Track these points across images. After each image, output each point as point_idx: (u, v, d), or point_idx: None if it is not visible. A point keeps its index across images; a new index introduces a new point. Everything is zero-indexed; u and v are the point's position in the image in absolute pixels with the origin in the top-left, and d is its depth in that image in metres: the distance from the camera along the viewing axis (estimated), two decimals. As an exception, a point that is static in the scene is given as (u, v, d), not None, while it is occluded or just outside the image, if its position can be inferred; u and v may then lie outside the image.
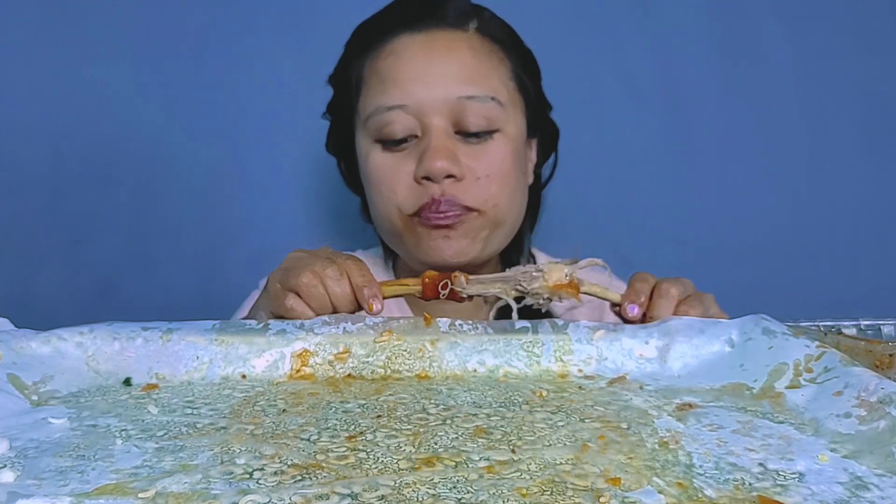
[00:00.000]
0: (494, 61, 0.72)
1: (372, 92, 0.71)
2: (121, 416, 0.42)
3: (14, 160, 1.01)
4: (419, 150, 0.69)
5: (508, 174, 0.72)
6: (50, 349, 0.48)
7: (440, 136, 0.69)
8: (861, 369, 0.44)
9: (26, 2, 1.01)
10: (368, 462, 0.36)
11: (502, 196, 0.71)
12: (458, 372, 0.51)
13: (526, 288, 0.56)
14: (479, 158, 0.70)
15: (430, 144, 0.68)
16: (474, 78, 0.70)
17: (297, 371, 0.50)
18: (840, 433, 0.40)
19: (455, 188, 0.69)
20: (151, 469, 0.35)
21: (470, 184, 0.69)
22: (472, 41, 0.71)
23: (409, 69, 0.69)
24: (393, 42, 0.71)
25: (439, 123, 0.69)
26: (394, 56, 0.70)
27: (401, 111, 0.69)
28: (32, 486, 0.33)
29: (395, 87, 0.69)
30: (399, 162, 0.70)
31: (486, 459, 0.36)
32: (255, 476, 0.34)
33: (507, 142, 0.71)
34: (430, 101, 0.68)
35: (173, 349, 0.50)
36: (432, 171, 0.67)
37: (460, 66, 0.70)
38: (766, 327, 0.51)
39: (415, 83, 0.69)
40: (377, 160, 0.71)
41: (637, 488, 0.34)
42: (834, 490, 0.34)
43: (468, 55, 0.70)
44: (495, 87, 0.71)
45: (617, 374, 0.51)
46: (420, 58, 0.70)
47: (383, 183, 0.71)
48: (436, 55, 0.70)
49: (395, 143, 0.70)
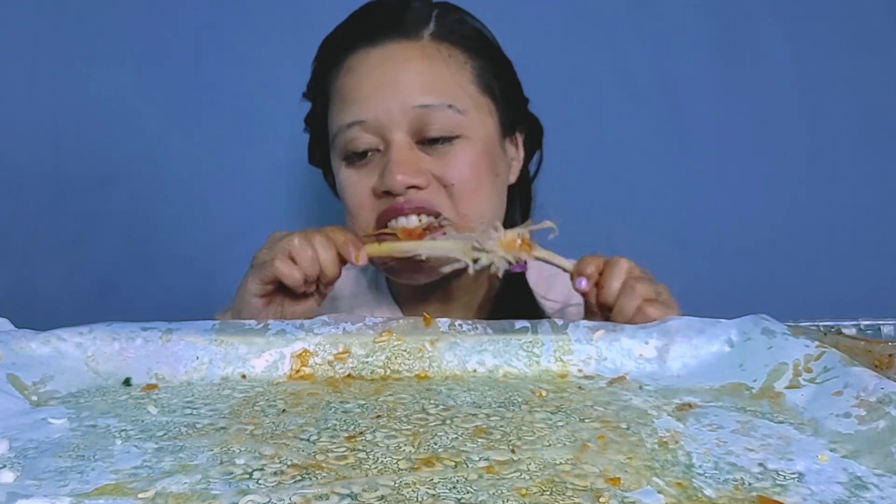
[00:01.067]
0: (452, 67, 0.71)
1: (335, 110, 0.72)
2: (120, 417, 0.42)
3: (14, 160, 1.01)
4: (381, 165, 0.69)
5: (479, 179, 0.70)
6: (50, 349, 0.48)
7: (401, 150, 0.68)
8: (861, 369, 0.44)
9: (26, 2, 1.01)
10: (368, 462, 0.36)
11: (472, 204, 0.70)
12: (457, 372, 0.51)
13: (481, 245, 0.59)
14: (444, 166, 0.69)
15: (390, 158, 0.67)
16: (430, 87, 0.69)
17: (296, 371, 0.50)
18: (839, 433, 0.40)
19: (422, 196, 0.68)
20: (151, 469, 0.35)
21: (437, 191, 0.68)
22: (426, 49, 0.70)
23: (364, 85, 0.69)
24: (350, 58, 0.71)
25: (400, 137, 0.68)
26: (351, 73, 0.70)
27: (359, 128, 0.69)
28: (32, 487, 0.33)
29: (353, 104, 0.69)
30: (363, 177, 0.70)
31: (485, 459, 0.36)
32: (255, 476, 0.34)
33: (472, 146, 0.70)
34: (387, 115, 0.68)
35: (173, 349, 0.50)
36: (392, 185, 0.66)
37: (414, 76, 0.69)
38: (765, 327, 0.51)
39: (370, 99, 0.68)
40: (344, 177, 0.71)
41: (636, 488, 0.34)
42: (833, 490, 0.34)
43: (423, 64, 0.70)
44: (454, 94, 0.70)
45: (616, 374, 0.51)
46: (374, 73, 0.69)
47: (351, 201, 0.71)
48: (389, 68, 0.69)
49: (359, 158, 0.70)
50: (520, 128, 0.78)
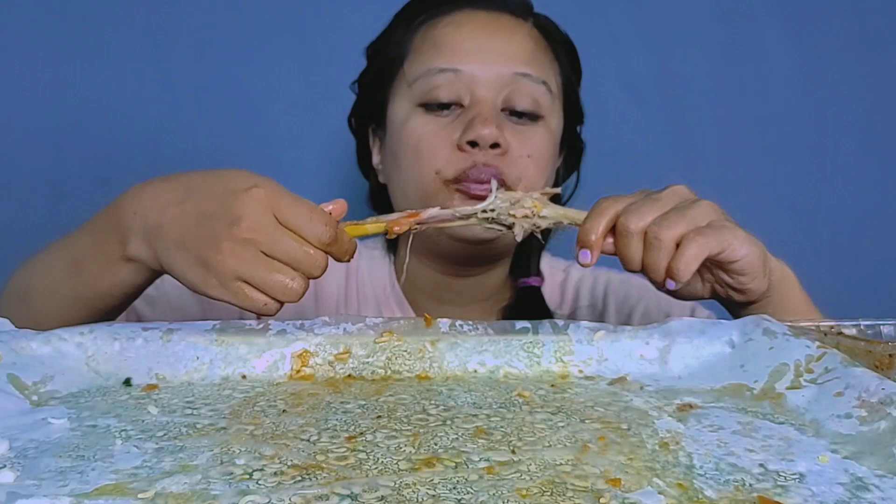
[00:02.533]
0: (549, 56, 0.73)
1: (423, 57, 0.71)
2: (121, 417, 0.42)
3: (14, 160, 1.01)
4: (464, 119, 0.68)
5: (548, 162, 0.72)
6: (50, 349, 0.48)
7: (489, 108, 0.68)
8: (862, 370, 0.44)
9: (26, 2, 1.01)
10: (368, 463, 0.36)
11: (539, 181, 0.71)
12: (458, 373, 0.51)
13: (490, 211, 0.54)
14: (523, 138, 0.69)
15: (479, 113, 0.68)
16: (530, 61, 0.70)
17: (297, 371, 0.50)
18: (841, 434, 0.40)
19: (498, 160, 0.68)
20: (151, 469, 0.35)
21: (512, 160, 0.69)
22: (532, 32, 0.73)
23: (468, 39, 0.69)
24: (454, 14, 0.71)
25: (488, 96, 0.68)
26: (454, 25, 0.70)
27: (452, 75, 0.68)
28: (32, 487, 0.32)
29: (450, 53, 0.69)
30: (442, 127, 0.69)
31: (486, 460, 0.36)
32: (255, 476, 0.34)
33: (549, 132, 0.72)
34: (483, 73, 0.68)
35: (173, 349, 0.50)
36: (481, 136, 0.66)
37: (518, 48, 0.70)
38: (766, 328, 0.51)
39: (472, 54, 0.69)
40: (418, 123, 0.70)
41: (637, 489, 0.34)
42: (834, 491, 0.34)
43: (527, 41, 0.71)
44: (548, 75, 0.72)
45: (617, 374, 0.51)
46: (480, 32, 0.70)
47: (423, 146, 0.69)
48: (496, 33, 0.70)
49: (439, 108, 0.69)
50: (566, 145, 0.79)
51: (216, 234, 0.48)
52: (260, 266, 0.48)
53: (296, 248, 0.48)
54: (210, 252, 0.48)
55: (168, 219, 0.50)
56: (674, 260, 0.51)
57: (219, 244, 0.48)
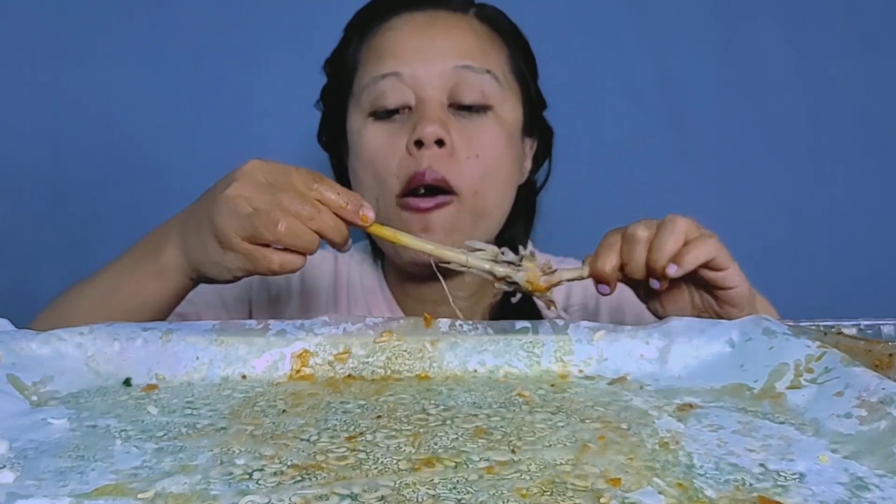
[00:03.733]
0: (494, 45, 0.72)
1: (368, 68, 0.71)
2: (120, 417, 0.42)
3: (14, 160, 1.01)
4: (412, 122, 0.68)
5: (500, 158, 0.70)
6: (50, 350, 0.48)
7: (434, 106, 0.68)
8: (862, 369, 0.44)
9: (26, 2, 1.01)
10: (368, 463, 0.36)
11: (488, 182, 0.69)
12: (458, 372, 0.51)
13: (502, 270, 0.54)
14: (471, 136, 0.69)
15: (423, 113, 0.67)
16: (472, 53, 0.70)
17: (296, 371, 0.50)
18: (841, 433, 0.40)
19: (442, 163, 0.67)
20: (151, 470, 0.35)
21: (458, 161, 0.68)
22: (472, 24, 0.72)
23: (406, 42, 0.69)
24: (392, 19, 0.71)
25: (433, 95, 0.68)
26: (392, 31, 0.70)
27: (395, 79, 0.68)
28: (32, 487, 0.32)
29: (391, 58, 0.69)
30: (392, 133, 0.69)
31: (485, 460, 0.36)
32: (255, 477, 0.34)
33: (501, 123, 0.71)
34: (425, 73, 0.68)
35: (173, 350, 0.50)
36: (424, 134, 0.66)
37: (459, 42, 0.70)
38: (766, 327, 0.51)
39: (412, 54, 0.69)
40: (370, 133, 0.70)
41: (637, 489, 0.34)
42: (834, 490, 0.34)
43: (468, 34, 0.71)
44: (493, 64, 0.71)
45: (617, 374, 0.51)
46: (418, 33, 0.70)
47: (378, 155, 0.69)
48: (435, 32, 0.70)
49: (388, 115, 0.69)
50: (535, 131, 0.78)
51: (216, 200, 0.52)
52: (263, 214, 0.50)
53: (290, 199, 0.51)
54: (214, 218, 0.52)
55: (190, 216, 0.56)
56: (679, 251, 0.54)
57: (219, 207, 0.52)
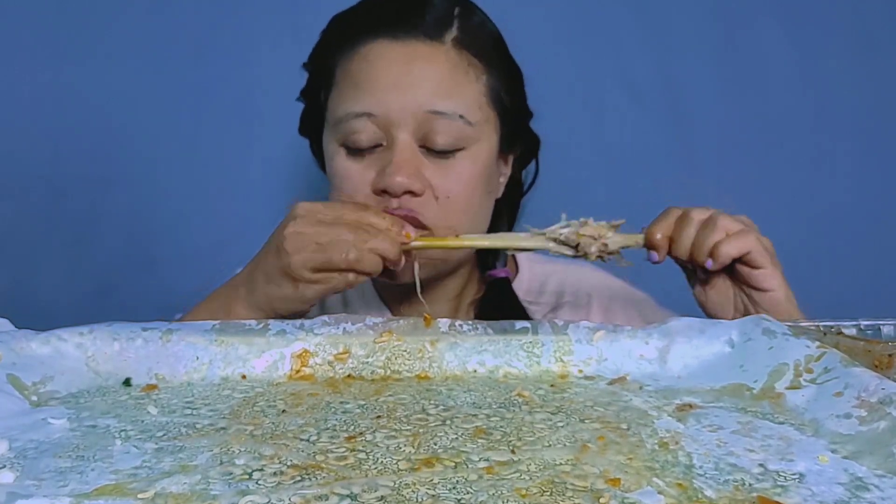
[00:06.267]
0: (470, 76, 0.70)
1: (342, 96, 0.70)
2: (120, 417, 0.42)
3: (14, 160, 1.01)
4: (383, 161, 0.68)
5: (472, 195, 0.70)
6: (50, 350, 0.48)
7: (404, 150, 0.67)
8: (861, 370, 0.44)
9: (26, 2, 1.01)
10: (368, 463, 0.36)
11: (462, 220, 0.69)
12: (457, 372, 0.51)
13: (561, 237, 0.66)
14: (443, 176, 0.68)
15: (392, 158, 0.67)
16: (447, 93, 0.68)
17: (296, 371, 0.50)
18: (840, 434, 0.40)
19: (413, 203, 0.67)
20: (151, 470, 0.35)
21: (429, 201, 0.68)
22: (449, 54, 0.70)
23: (381, 78, 0.68)
24: (367, 46, 0.69)
25: (405, 137, 0.67)
26: (366, 62, 0.69)
27: (368, 120, 0.67)
28: (32, 487, 0.33)
29: (365, 95, 0.68)
30: (361, 170, 0.69)
31: (485, 460, 0.36)
32: (255, 477, 0.34)
33: (474, 160, 0.70)
34: (398, 112, 0.67)
35: (173, 350, 0.50)
36: (391, 185, 0.66)
37: (434, 80, 0.68)
38: (766, 327, 0.51)
39: (385, 92, 0.67)
40: (341, 164, 0.70)
41: (637, 489, 0.34)
42: (834, 491, 0.34)
43: (443, 70, 0.69)
44: (467, 105, 0.69)
45: (617, 374, 0.51)
46: (394, 67, 0.68)
47: (344, 186, 0.70)
48: (409, 66, 0.68)
49: (359, 151, 0.69)
50: (518, 142, 0.77)
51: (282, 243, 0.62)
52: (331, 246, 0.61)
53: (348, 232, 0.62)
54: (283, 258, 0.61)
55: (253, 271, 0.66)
56: (721, 242, 0.62)
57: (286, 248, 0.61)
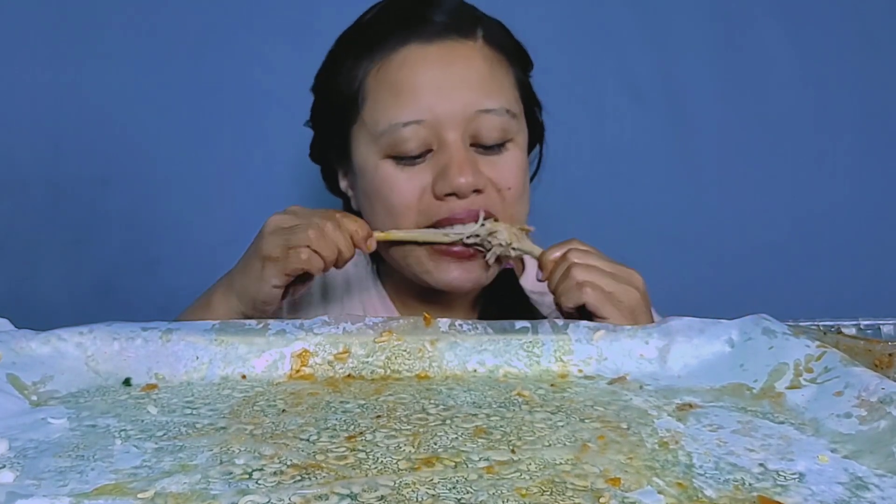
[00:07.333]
0: (504, 71, 0.71)
1: (384, 105, 0.68)
2: (120, 417, 0.42)
3: (14, 159, 1.01)
4: (436, 165, 0.67)
5: (525, 183, 0.71)
6: (50, 349, 0.48)
7: (459, 151, 0.66)
8: (861, 369, 0.44)
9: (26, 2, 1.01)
10: (368, 462, 0.36)
11: (520, 208, 0.70)
12: (457, 372, 0.51)
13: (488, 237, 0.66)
14: (498, 170, 0.68)
15: (451, 159, 0.66)
16: (490, 90, 0.68)
17: (296, 371, 0.50)
18: (840, 433, 0.40)
19: (480, 200, 0.67)
20: (150, 469, 0.35)
21: (491, 195, 0.68)
22: (483, 51, 0.69)
23: (423, 82, 0.67)
24: (402, 51, 0.68)
25: (456, 138, 0.67)
26: (405, 68, 0.68)
27: (417, 126, 0.66)
28: (32, 487, 0.33)
29: (410, 102, 0.67)
30: (414, 177, 0.67)
31: (485, 460, 0.36)
32: (255, 476, 0.34)
33: (519, 151, 0.70)
34: (447, 115, 0.66)
35: (173, 349, 0.50)
36: (459, 187, 0.65)
37: (477, 77, 0.68)
38: (766, 327, 0.51)
39: (431, 96, 0.66)
40: (389, 175, 0.68)
41: (637, 488, 0.34)
42: (834, 490, 0.34)
43: (483, 66, 0.69)
44: (508, 99, 0.69)
45: (617, 374, 0.51)
46: (434, 70, 0.67)
47: (397, 198, 0.68)
48: (450, 67, 0.68)
49: (409, 160, 0.68)
50: (535, 131, 0.78)
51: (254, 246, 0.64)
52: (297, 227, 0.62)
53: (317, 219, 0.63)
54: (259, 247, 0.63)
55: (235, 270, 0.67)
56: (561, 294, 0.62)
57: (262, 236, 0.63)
